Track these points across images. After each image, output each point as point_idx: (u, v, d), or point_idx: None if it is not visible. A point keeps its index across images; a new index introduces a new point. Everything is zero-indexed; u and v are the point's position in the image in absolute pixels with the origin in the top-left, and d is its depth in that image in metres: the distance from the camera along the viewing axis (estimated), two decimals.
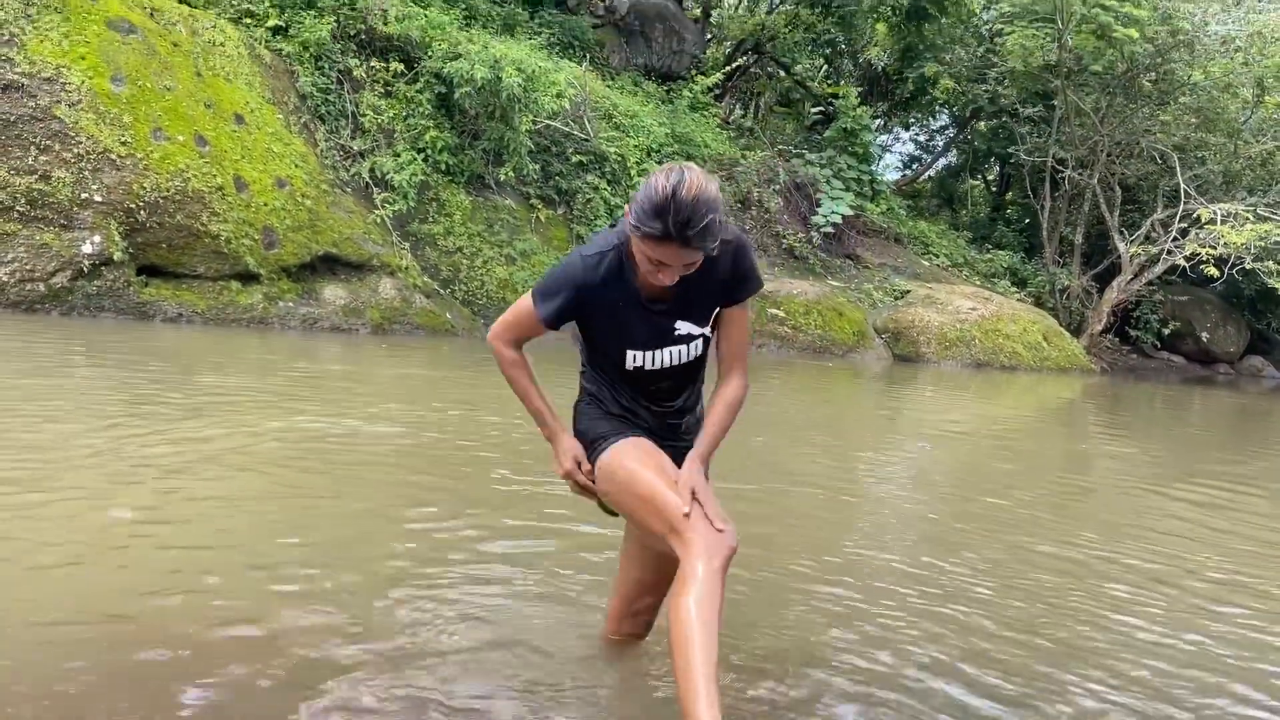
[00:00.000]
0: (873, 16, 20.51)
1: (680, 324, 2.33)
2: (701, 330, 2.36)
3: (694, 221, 2.02)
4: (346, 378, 7.72)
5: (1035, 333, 16.15)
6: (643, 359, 2.35)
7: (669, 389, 2.45)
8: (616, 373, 2.42)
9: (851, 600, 3.38)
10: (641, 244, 2.10)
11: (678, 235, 2.04)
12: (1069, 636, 3.23)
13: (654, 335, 2.33)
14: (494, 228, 12.57)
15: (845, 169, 17.46)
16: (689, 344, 2.37)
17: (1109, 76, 18.61)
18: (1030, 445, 8.45)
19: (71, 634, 2.52)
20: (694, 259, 2.11)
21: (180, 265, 9.78)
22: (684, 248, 2.06)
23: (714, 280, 2.29)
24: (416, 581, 3.12)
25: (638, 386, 2.43)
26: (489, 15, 16.24)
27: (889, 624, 3.18)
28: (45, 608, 2.68)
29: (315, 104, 11.62)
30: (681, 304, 2.31)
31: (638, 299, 2.29)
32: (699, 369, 2.48)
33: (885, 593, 3.50)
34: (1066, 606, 3.56)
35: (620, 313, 2.30)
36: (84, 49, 9.27)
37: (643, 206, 2.07)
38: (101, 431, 4.77)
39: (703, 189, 2.04)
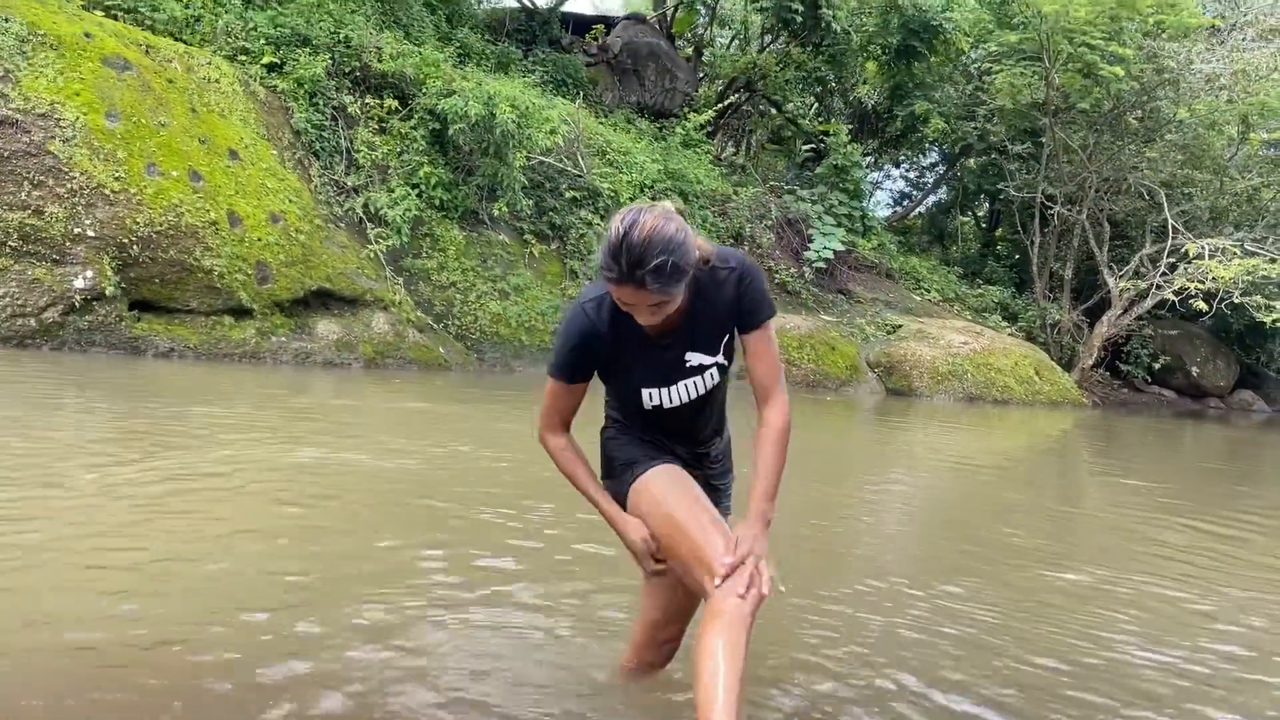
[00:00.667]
0: (862, 55, 20.75)
1: (690, 355, 2.31)
2: (714, 359, 2.34)
3: (645, 261, 2.00)
4: (343, 411, 7.69)
5: (1027, 367, 16.20)
6: (659, 396, 2.32)
7: (690, 422, 2.42)
8: (637, 412, 2.40)
9: (854, 620, 3.35)
10: (610, 286, 2.09)
11: (629, 277, 2.02)
12: (1069, 653, 3.21)
13: (666, 371, 2.31)
14: (488, 263, 12.60)
15: (836, 205, 17.58)
16: (702, 374, 2.34)
17: (1096, 114, 18.83)
18: (1026, 477, 8.43)
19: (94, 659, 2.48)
20: (655, 300, 2.07)
21: (173, 300, 9.76)
22: (639, 289, 2.04)
23: (719, 309, 2.28)
24: (433, 615, 3.08)
25: (659, 422, 2.41)
26: (483, 53, 16.42)
27: (889, 643, 3.15)
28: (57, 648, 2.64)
29: (310, 140, 11.68)
30: (687, 335, 2.29)
31: (643, 337, 2.27)
32: (719, 397, 2.45)
33: (884, 613, 3.47)
34: (1067, 627, 3.54)
35: (628, 353, 2.28)
36: (79, 85, 9.31)
37: (603, 249, 2.07)
38: (95, 468, 4.73)
39: (657, 230, 2.01)
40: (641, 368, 2.29)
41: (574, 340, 2.26)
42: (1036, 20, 17.12)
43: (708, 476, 2.48)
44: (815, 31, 18.66)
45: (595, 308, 2.24)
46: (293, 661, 2.64)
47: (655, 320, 2.15)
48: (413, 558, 3.73)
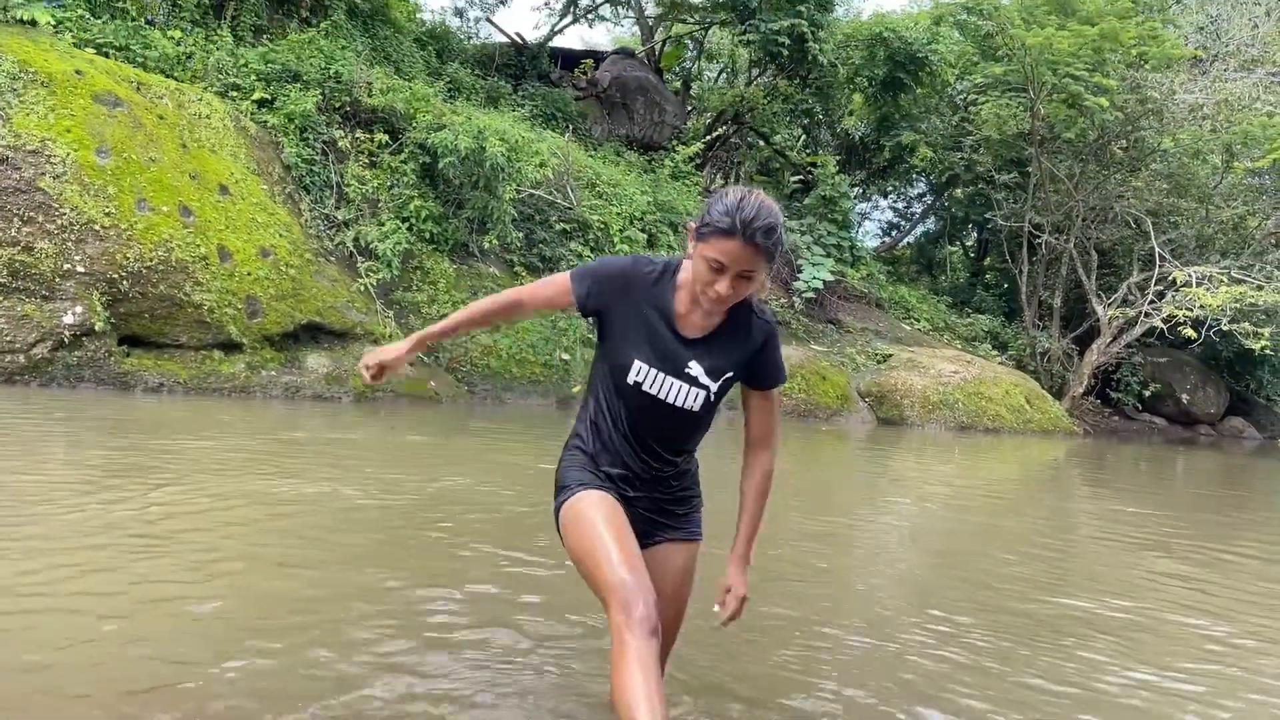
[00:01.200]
0: (849, 88, 20.97)
1: (694, 364, 2.35)
2: (708, 383, 2.36)
3: (759, 218, 2.16)
4: (335, 445, 7.65)
5: (1017, 395, 16.23)
6: (645, 375, 2.34)
7: (655, 429, 2.41)
8: (613, 392, 2.40)
9: (850, 646, 3.33)
10: (705, 245, 2.20)
11: (744, 231, 2.15)
12: (1063, 675, 3.19)
13: (666, 356, 2.34)
14: (478, 295, 12.59)
15: (825, 236, 17.68)
16: (692, 388, 2.35)
17: (1081, 144, 19.03)
18: (1021, 506, 8.42)
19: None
20: (753, 266, 2.19)
21: (163, 335, 9.74)
22: (747, 244, 2.16)
23: (742, 343, 2.37)
24: (436, 649, 3.05)
25: (629, 417, 2.40)
26: (473, 88, 16.54)
27: (887, 667, 3.13)
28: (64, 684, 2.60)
29: (300, 174, 11.71)
30: (704, 344, 2.35)
31: (668, 317, 2.34)
32: (690, 426, 2.45)
33: (882, 638, 3.45)
34: (1067, 652, 3.52)
35: (646, 319, 2.34)
36: (69, 122, 9.34)
37: (712, 208, 2.21)
38: (85, 506, 4.69)
39: (770, 202, 2.22)
40: (648, 339, 2.33)
41: (611, 269, 2.37)
42: (1021, 52, 17.34)
43: (661, 501, 2.47)
44: (802, 64, 18.86)
45: (648, 267, 2.37)
46: (301, 703, 2.61)
47: (729, 296, 2.20)
48: (415, 593, 3.70)
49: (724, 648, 3.32)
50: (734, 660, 3.24)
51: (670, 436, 2.44)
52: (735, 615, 2.47)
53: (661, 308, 2.33)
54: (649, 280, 2.35)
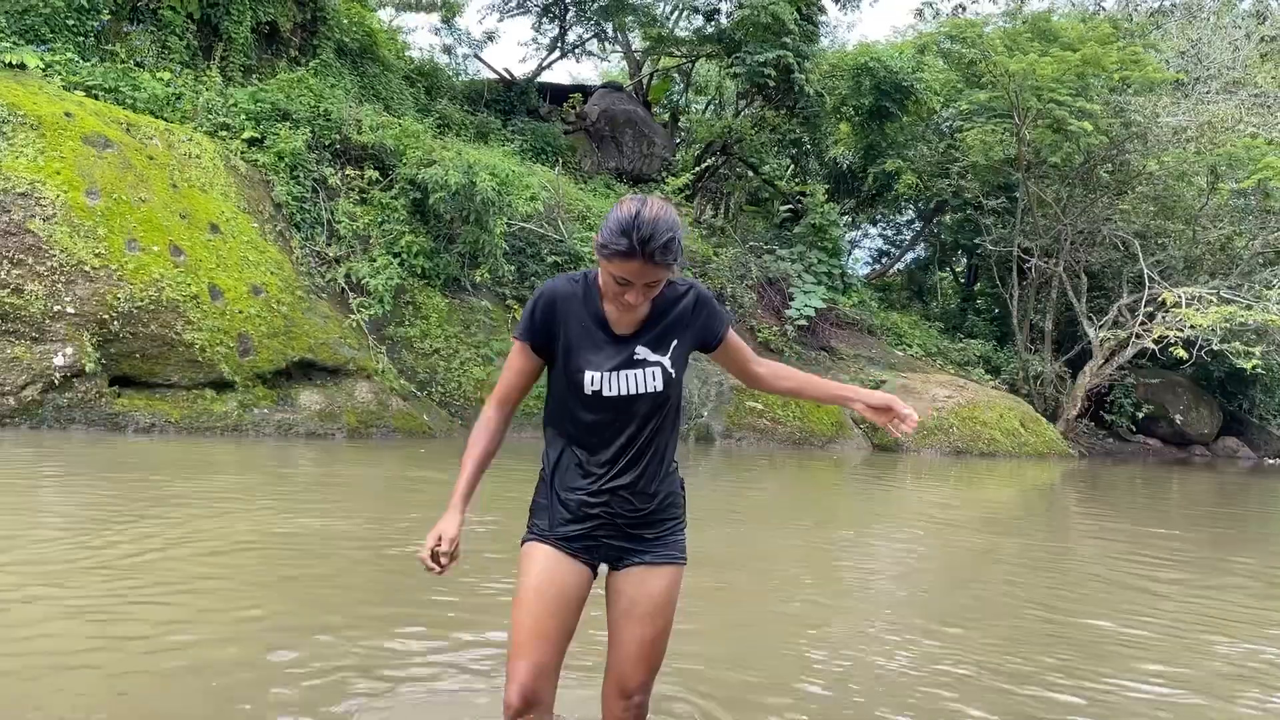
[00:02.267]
0: (836, 117, 21.12)
1: (640, 349, 2.39)
2: (658, 357, 2.40)
3: (656, 237, 2.18)
4: (329, 481, 7.60)
5: (1012, 419, 16.23)
6: (601, 381, 2.36)
7: (620, 433, 2.40)
8: (574, 410, 2.41)
9: (850, 665, 3.29)
10: (608, 264, 2.23)
11: (641, 250, 2.18)
12: (1064, 690, 3.16)
13: (613, 358, 2.37)
14: (470, 329, 12.60)
15: (816, 264, 17.74)
16: (645, 369, 2.39)
17: (1067, 168, 19.17)
18: (1021, 528, 8.38)
19: None
20: (656, 276, 2.24)
21: (154, 375, 9.70)
22: (647, 263, 2.20)
23: (677, 319, 2.44)
24: (427, 687, 3.01)
25: (591, 432, 2.40)
26: (462, 124, 16.63)
27: (893, 684, 3.09)
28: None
29: (291, 212, 11.73)
30: (641, 333, 2.40)
31: (602, 324, 2.38)
32: (658, 421, 2.44)
33: (886, 655, 3.41)
34: (1059, 668, 3.48)
35: (585, 330, 2.38)
36: (59, 164, 9.35)
37: (609, 228, 2.22)
38: (81, 546, 4.64)
39: (663, 211, 2.23)
40: (591, 350, 2.37)
41: (541, 298, 2.39)
42: (1004, 79, 17.49)
43: (625, 526, 2.44)
44: (789, 95, 19.00)
45: (571, 279, 2.41)
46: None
47: (641, 302, 2.28)
48: (407, 628, 3.65)
49: (729, 667, 3.28)
50: (734, 677, 3.20)
51: (641, 434, 2.43)
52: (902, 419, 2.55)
53: (594, 316, 2.38)
54: (578, 295, 2.39)
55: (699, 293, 2.50)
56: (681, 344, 2.45)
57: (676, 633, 2.45)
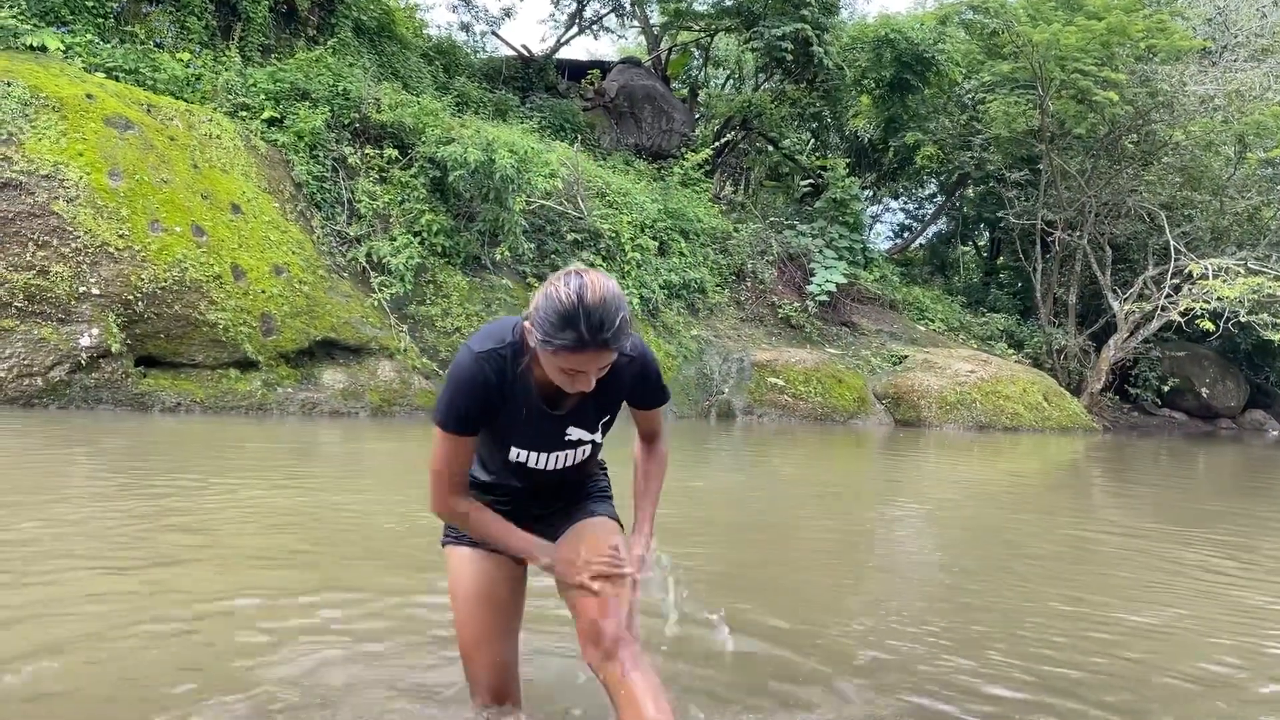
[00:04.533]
0: (856, 90, 20.93)
1: (572, 430, 2.28)
2: (592, 437, 2.32)
3: (607, 323, 1.98)
4: (364, 458, 7.65)
5: (1035, 393, 16.12)
6: (527, 457, 2.29)
7: (549, 483, 2.38)
8: (490, 463, 2.36)
9: (870, 651, 3.29)
10: (554, 358, 2.02)
11: (593, 341, 1.98)
12: (1090, 674, 3.14)
13: (543, 437, 2.27)
14: (491, 307, 12.62)
15: (837, 239, 17.64)
16: (577, 449, 2.33)
17: (1092, 139, 18.94)
18: (1042, 503, 8.34)
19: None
20: (609, 361, 2.06)
21: (178, 355, 9.77)
22: (601, 351, 2.01)
23: (616, 391, 2.26)
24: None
25: (517, 480, 2.36)
26: (481, 101, 16.60)
27: (908, 670, 3.09)
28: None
29: (311, 192, 11.75)
30: (578, 411, 2.26)
31: (535, 403, 2.21)
32: (585, 468, 2.43)
33: (904, 638, 3.41)
34: (1082, 648, 3.47)
35: (514, 413, 2.20)
36: (81, 145, 9.40)
37: (549, 319, 1.99)
38: (112, 522, 4.69)
39: (606, 288, 2.00)
40: (521, 430, 2.24)
41: (471, 389, 2.14)
42: (1028, 49, 17.28)
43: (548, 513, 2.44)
44: (808, 68, 18.84)
45: (494, 364, 2.15)
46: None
47: (590, 387, 2.09)
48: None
49: (746, 655, 3.29)
50: (737, 669, 3.21)
51: (565, 481, 2.42)
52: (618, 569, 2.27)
53: (526, 398, 2.20)
54: (503, 378, 2.15)
55: (644, 365, 2.28)
56: (615, 415, 2.35)
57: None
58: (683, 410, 13.71)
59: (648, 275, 14.60)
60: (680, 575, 2.47)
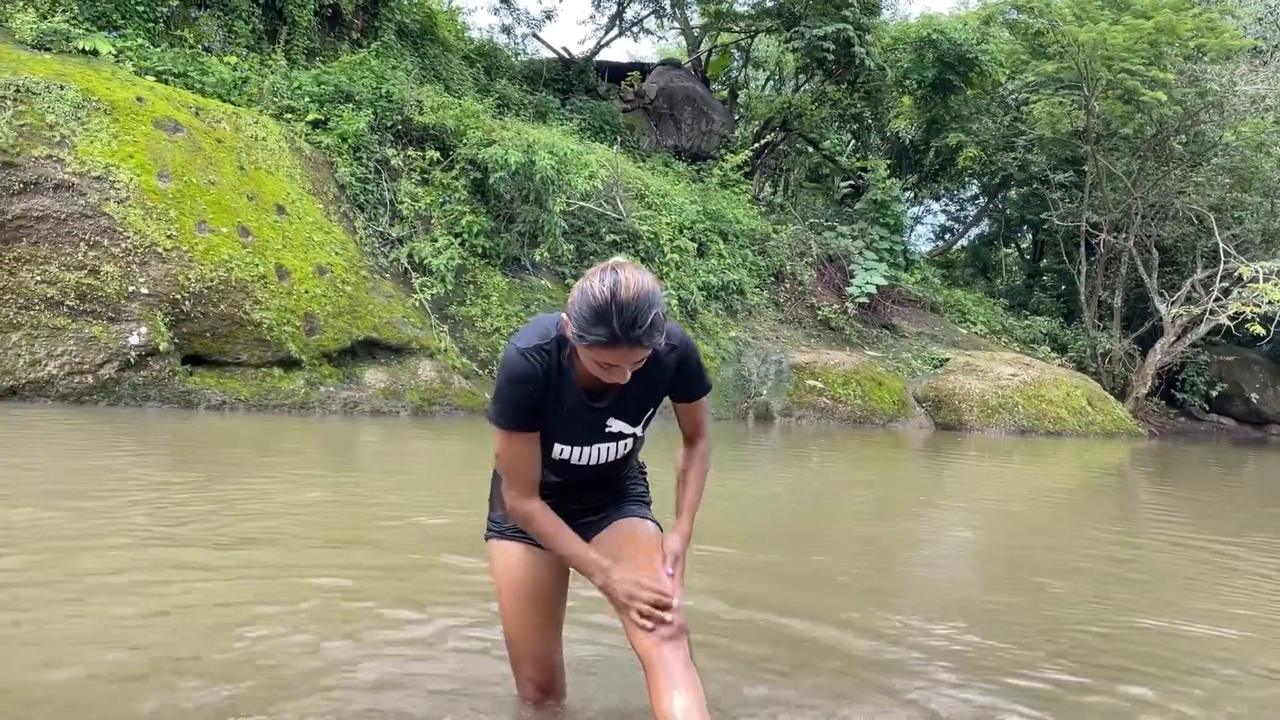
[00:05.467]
0: (898, 91, 20.77)
1: (613, 421, 2.29)
2: (633, 430, 2.32)
3: (639, 321, 1.99)
4: (410, 458, 7.73)
5: (1079, 397, 15.90)
6: (570, 453, 2.30)
7: (589, 480, 2.39)
8: (540, 457, 2.34)
9: (901, 661, 3.27)
10: (590, 351, 2.05)
11: (625, 337, 1.99)
12: (1126, 682, 3.10)
13: (586, 431, 2.28)
14: (530, 308, 12.68)
15: (877, 240, 17.51)
16: (619, 442, 2.33)
17: (1139, 140, 18.65)
18: (1085, 508, 8.23)
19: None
20: (645, 355, 2.07)
21: (224, 353, 9.93)
22: (634, 348, 2.02)
23: (657, 381, 2.26)
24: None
25: (557, 478, 2.37)
26: (521, 103, 16.69)
27: (941, 679, 3.06)
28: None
29: (354, 193, 11.89)
30: (619, 402, 2.26)
31: (578, 395, 2.23)
32: (627, 463, 2.44)
33: (934, 650, 3.39)
34: (1119, 665, 3.43)
35: (560, 405, 2.22)
36: (132, 148, 9.58)
37: (583, 314, 2.02)
38: (175, 526, 4.79)
39: (640, 285, 2.01)
40: (563, 424, 2.25)
41: (518, 389, 2.17)
42: (1073, 49, 17.05)
43: (584, 510, 2.44)
44: (849, 69, 18.73)
45: (538, 355, 2.17)
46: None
47: (626, 379, 2.11)
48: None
49: (778, 657, 3.28)
50: (779, 678, 3.20)
51: (605, 478, 2.43)
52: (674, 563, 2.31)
53: (569, 390, 2.21)
54: (549, 372, 2.18)
55: (684, 353, 2.28)
56: (656, 408, 2.34)
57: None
58: (720, 412, 13.69)
59: (686, 277, 14.60)
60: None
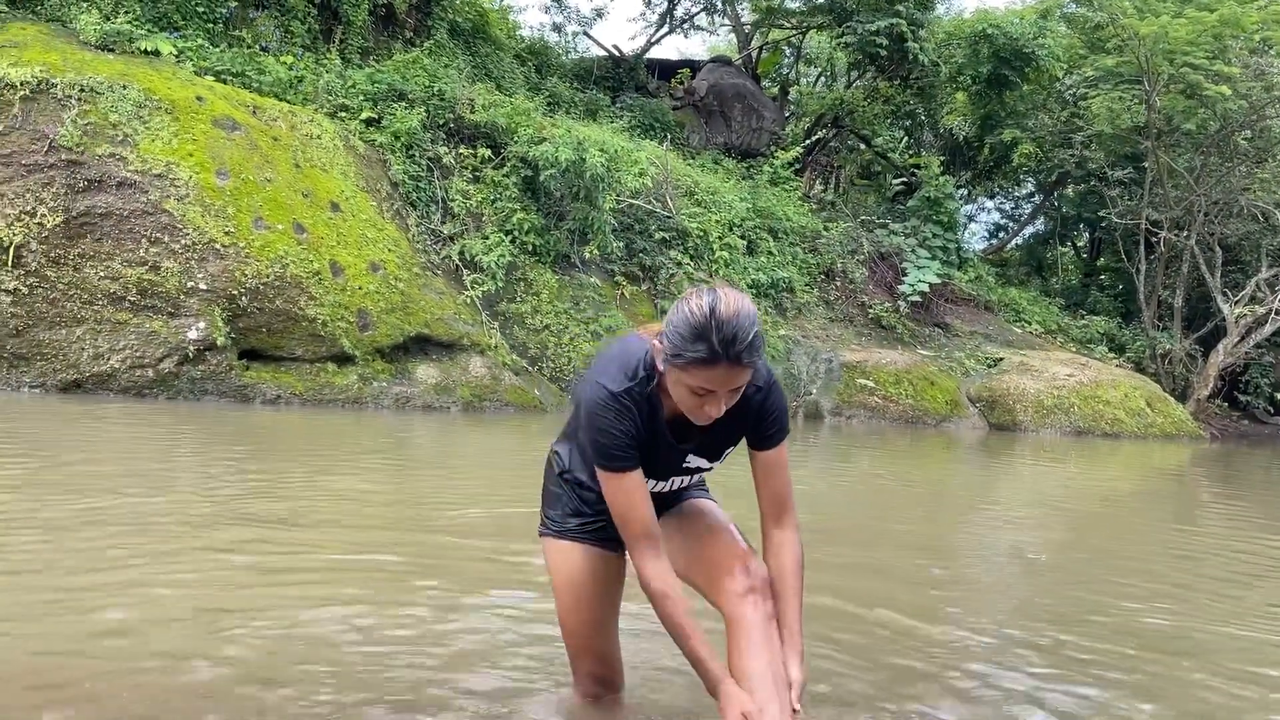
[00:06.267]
0: (952, 86, 20.48)
1: (692, 458, 2.25)
2: (709, 466, 2.30)
3: (740, 336, 1.92)
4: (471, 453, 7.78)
5: (1137, 399, 15.57)
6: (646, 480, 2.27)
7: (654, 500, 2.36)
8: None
9: (952, 662, 3.21)
10: (684, 374, 1.97)
11: (725, 354, 1.92)
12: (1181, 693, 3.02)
13: (665, 466, 2.25)
14: (580, 305, 12.72)
15: (930, 238, 17.29)
16: (692, 475, 2.31)
17: (1202, 135, 18.21)
18: (1144, 513, 8.05)
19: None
20: (742, 380, 1.99)
21: (279, 349, 10.08)
22: (734, 366, 1.94)
23: (739, 421, 2.19)
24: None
25: None
26: (572, 101, 16.73)
27: (996, 680, 3.01)
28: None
29: (407, 191, 12.00)
30: (701, 441, 2.21)
31: (665, 434, 2.18)
32: (691, 486, 2.45)
33: (986, 649, 3.32)
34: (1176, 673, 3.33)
35: (647, 441, 2.15)
36: (192, 146, 9.76)
37: (680, 333, 1.95)
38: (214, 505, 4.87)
39: (740, 303, 1.95)
40: (649, 458, 2.19)
41: (623, 423, 2.09)
42: (1134, 43, 16.69)
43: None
44: (903, 65, 18.52)
45: (629, 397, 2.10)
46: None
47: (720, 413, 2.03)
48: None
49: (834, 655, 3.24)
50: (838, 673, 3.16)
51: (670, 497, 2.42)
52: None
53: (656, 427, 2.15)
54: (643, 406, 2.10)
55: (769, 394, 2.19)
56: (735, 446, 2.26)
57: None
58: None
59: (735, 274, 14.53)
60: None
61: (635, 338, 2.21)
